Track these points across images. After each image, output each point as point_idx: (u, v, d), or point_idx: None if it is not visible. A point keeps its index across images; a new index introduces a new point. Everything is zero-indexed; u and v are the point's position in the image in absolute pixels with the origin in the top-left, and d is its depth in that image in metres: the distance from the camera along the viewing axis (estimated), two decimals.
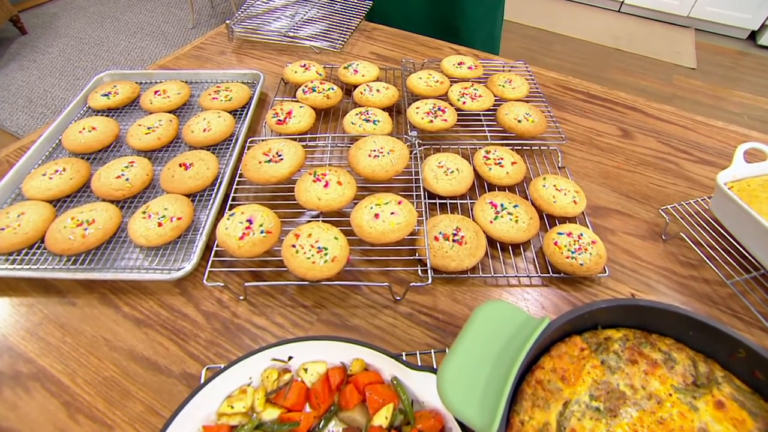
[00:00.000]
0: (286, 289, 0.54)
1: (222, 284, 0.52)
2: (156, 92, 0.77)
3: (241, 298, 0.53)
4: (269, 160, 0.62)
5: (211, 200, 0.61)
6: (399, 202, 0.56)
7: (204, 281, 0.50)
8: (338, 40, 0.94)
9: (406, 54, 0.94)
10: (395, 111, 0.79)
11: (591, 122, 0.78)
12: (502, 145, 0.70)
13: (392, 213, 0.55)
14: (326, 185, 0.58)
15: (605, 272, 0.55)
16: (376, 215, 0.54)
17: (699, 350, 0.41)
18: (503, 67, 0.88)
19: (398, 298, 0.53)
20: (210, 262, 0.52)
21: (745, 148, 0.59)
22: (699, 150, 0.74)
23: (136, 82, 0.83)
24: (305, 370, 0.42)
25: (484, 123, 0.74)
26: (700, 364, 0.41)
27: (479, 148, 0.68)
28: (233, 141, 0.71)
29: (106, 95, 0.77)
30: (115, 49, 2.81)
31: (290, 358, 0.42)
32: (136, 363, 0.48)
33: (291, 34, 0.95)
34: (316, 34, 0.97)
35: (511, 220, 0.58)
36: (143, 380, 0.46)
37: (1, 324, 0.51)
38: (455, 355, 0.37)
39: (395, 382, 0.40)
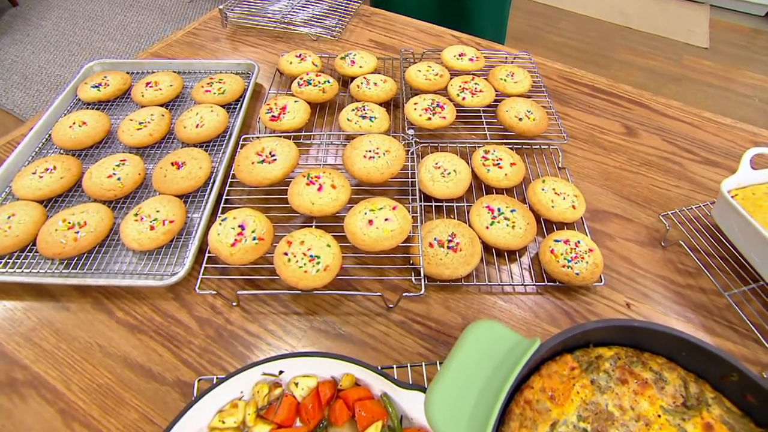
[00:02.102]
0: (279, 295, 0.54)
1: (214, 292, 0.51)
2: (148, 84, 0.75)
3: (234, 304, 0.53)
4: (262, 161, 0.60)
5: (204, 202, 0.60)
6: (393, 208, 0.55)
7: (196, 289, 0.50)
8: (336, 27, 0.91)
9: (406, 42, 0.90)
10: (393, 104, 0.77)
11: (594, 118, 0.76)
12: (502, 144, 0.68)
13: (386, 219, 0.54)
14: (320, 189, 0.57)
15: (601, 281, 0.54)
16: (370, 221, 0.54)
17: (691, 370, 0.41)
18: (506, 58, 0.84)
19: (391, 306, 0.52)
20: (202, 269, 0.51)
21: (753, 154, 0.57)
22: (705, 149, 0.72)
23: (127, 72, 0.81)
24: (296, 384, 0.42)
25: (484, 120, 0.72)
26: (691, 384, 0.41)
27: (478, 147, 0.67)
28: (226, 137, 0.69)
29: (96, 86, 0.75)
30: (111, 23, 2.74)
31: (281, 372, 0.42)
32: (131, 370, 0.48)
33: (287, 20, 0.92)
34: (312, 18, 0.93)
35: (507, 225, 0.57)
36: (137, 387, 0.47)
37: None
38: (444, 377, 0.37)
39: (385, 398, 0.40)
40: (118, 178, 0.61)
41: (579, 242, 0.55)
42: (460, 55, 0.79)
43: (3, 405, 0.45)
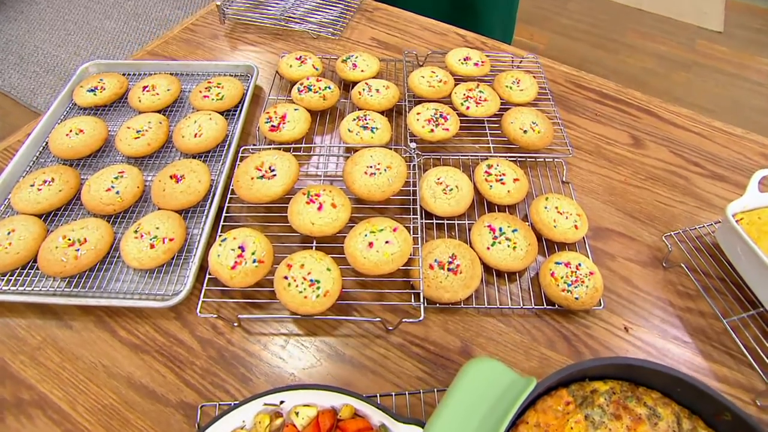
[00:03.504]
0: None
1: (215, 316, 0.52)
2: (144, 88, 0.73)
3: (236, 324, 0.53)
4: (261, 176, 0.60)
5: (204, 218, 0.60)
6: (394, 230, 0.55)
7: (198, 313, 0.50)
8: (337, 24, 0.88)
9: (409, 41, 0.88)
10: (395, 111, 0.75)
11: (601, 127, 0.74)
12: (506, 157, 0.67)
13: (387, 242, 0.53)
14: (320, 208, 0.56)
15: (600, 305, 0.54)
16: (371, 244, 0.53)
17: (685, 405, 0.42)
18: (512, 61, 0.82)
19: (390, 328, 0.53)
20: (203, 292, 0.51)
21: (761, 176, 0.56)
22: (713, 162, 0.70)
23: (123, 74, 0.79)
24: (296, 413, 0.43)
25: (488, 130, 0.71)
26: (684, 420, 0.41)
27: (481, 160, 0.66)
28: (225, 146, 0.68)
29: (92, 91, 0.73)
30: (107, 1, 2.66)
31: (282, 402, 0.43)
32: (134, 391, 0.49)
33: (286, 16, 0.89)
34: (313, 14, 0.90)
35: (508, 246, 0.56)
36: (142, 409, 0.48)
37: (1, 348, 0.52)
38: (441, 415, 0.37)
39: (383, 429, 0.41)
40: (117, 192, 0.60)
41: (580, 265, 0.55)
42: (465, 59, 0.77)
43: (11, 425, 0.46)
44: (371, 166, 0.60)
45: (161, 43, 0.87)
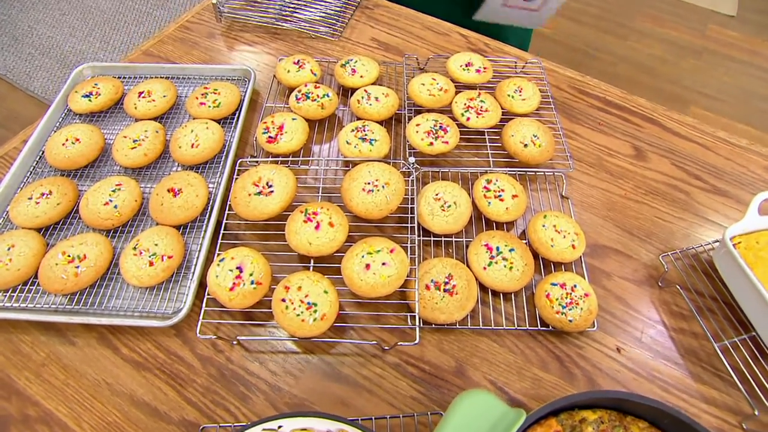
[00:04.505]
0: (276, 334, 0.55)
1: (215, 337, 0.53)
2: (140, 94, 0.72)
3: (235, 343, 0.54)
4: (259, 192, 0.59)
5: (202, 233, 0.60)
6: (391, 250, 0.55)
7: (197, 334, 0.51)
8: (336, 23, 0.86)
9: (410, 42, 0.85)
10: (394, 119, 0.74)
11: (604, 138, 0.73)
12: (505, 172, 0.66)
13: (384, 264, 0.54)
14: (317, 227, 0.56)
15: (594, 326, 0.55)
16: (367, 266, 0.54)
17: None
18: (515, 64, 0.80)
19: (386, 348, 0.54)
20: (201, 313, 0.52)
21: (761, 199, 0.56)
22: (714, 176, 0.70)
23: (119, 77, 0.77)
24: None
25: (488, 142, 0.70)
26: None
27: (480, 174, 0.65)
28: (223, 156, 0.68)
29: (87, 96, 0.72)
30: None
31: (280, 427, 0.44)
32: (137, 408, 0.50)
33: (284, 15, 0.86)
34: (311, 13, 0.87)
35: (505, 267, 0.57)
36: (145, 426, 0.49)
37: (6, 364, 0.53)
38: None
39: None
40: (115, 206, 0.60)
41: (575, 286, 0.55)
42: (466, 65, 0.75)
43: None
44: (369, 183, 0.60)
45: (156, 43, 0.85)
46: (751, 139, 0.74)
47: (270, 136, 0.66)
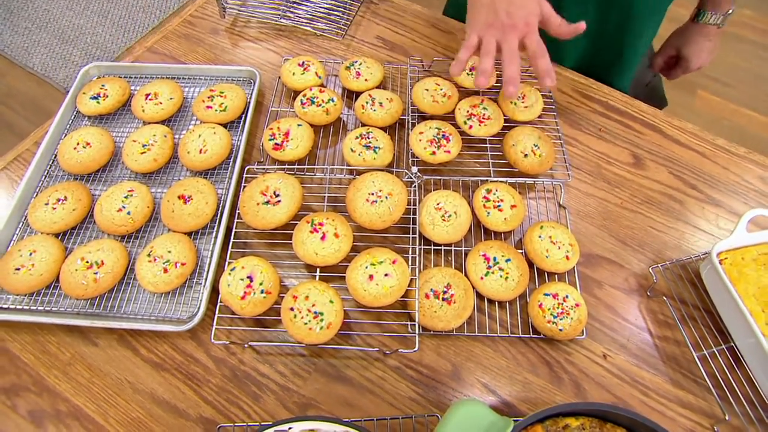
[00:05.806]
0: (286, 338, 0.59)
1: (228, 342, 0.57)
2: (147, 96, 0.73)
3: (246, 346, 0.58)
4: (267, 202, 0.62)
5: (213, 239, 0.63)
6: (394, 261, 0.58)
7: (212, 340, 0.55)
8: (340, 20, 0.85)
9: (416, 40, 0.85)
10: (398, 124, 0.75)
11: (604, 145, 0.75)
12: (505, 180, 0.68)
13: (386, 275, 0.57)
14: (323, 237, 0.59)
15: (583, 334, 0.59)
16: (371, 277, 0.57)
17: None
18: None
19: (387, 353, 0.58)
20: (215, 320, 0.56)
21: (751, 216, 0.58)
22: (710, 185, 0.71)
23: (124, 77, 0.78)
24: None
25: (489, 150, 0.71)
26: None
27: (481, 183, 0.67)
28: (231, 162, 0.70)
29: (95, 98, 0.73)
30: None
31: (290, 429, 0.49)
32: (158, 406, 0.55)
33: (289, 13, 0.85)
34: (315, 10, 0.86)
35: (501, 277, 0.60)
36: (166, 422, 0.54)
37: (36, 363, 0.57)
38: None
39: None
40: (128, 213, 0.63)
41: (567, 297, 0.58)
42: (470, 70, 0.75)
43: None
44: (373, 193, 0.62)
45: (160, 39, 0.85)
46: (755, 127, 0.75)
47: (276, 143, 0.68)
